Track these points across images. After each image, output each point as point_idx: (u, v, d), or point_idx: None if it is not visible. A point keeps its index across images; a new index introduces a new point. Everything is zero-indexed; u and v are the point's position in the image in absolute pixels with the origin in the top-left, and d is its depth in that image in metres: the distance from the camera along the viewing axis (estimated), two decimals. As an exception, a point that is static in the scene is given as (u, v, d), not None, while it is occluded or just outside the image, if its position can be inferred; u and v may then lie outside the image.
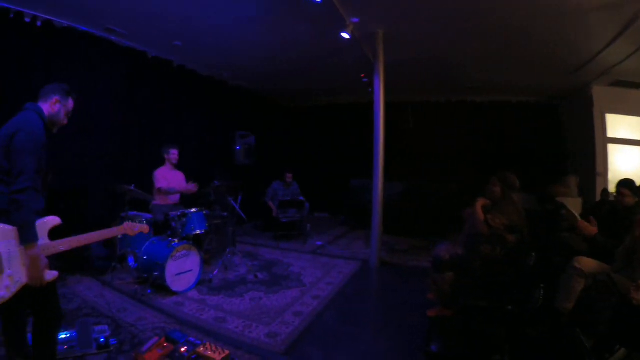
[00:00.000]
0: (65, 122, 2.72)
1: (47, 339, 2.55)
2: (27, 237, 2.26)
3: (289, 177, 9.15)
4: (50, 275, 2.40)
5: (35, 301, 2.45)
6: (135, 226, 3.09)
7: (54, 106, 2.58)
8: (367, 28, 6.11)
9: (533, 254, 3.78)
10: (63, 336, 3.42)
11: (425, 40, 6.56)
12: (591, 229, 3.93)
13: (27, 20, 5.48)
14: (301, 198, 8.74)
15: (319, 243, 8.26)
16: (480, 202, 4.34)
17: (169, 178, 6.21)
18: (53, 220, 2.50)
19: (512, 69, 7.70)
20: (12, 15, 5.29)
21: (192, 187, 6.21)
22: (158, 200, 6.14)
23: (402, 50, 6.95)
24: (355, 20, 5.74)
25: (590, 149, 8.44)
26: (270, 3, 5.41)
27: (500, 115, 10.51)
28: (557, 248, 5.06)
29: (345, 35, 5.81)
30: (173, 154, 6.29)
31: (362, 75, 8.41)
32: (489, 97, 10.43)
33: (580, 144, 9.08)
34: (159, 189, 6.09)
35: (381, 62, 6.51)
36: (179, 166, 6.44)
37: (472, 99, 10.69)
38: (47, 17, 5.68)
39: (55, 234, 2.53)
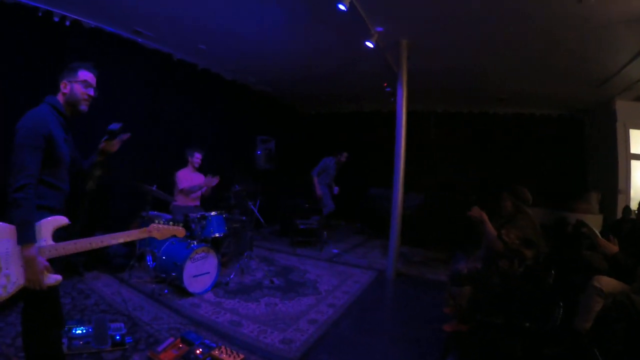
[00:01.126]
0: (89, 94, 2.62)
1: (42, 345, 2.39)
2: (23, 237, 2.16)
3: (344, 156, 8.94)
4: (52, 279, 2.27)
5: (33, 303, 2.32)
6: (162, 228, 2.83)
7: (65, 90, 2.53)
8: (391, 37, 6.09)
9: (552, 272, 3.74)
10: (79, 331, 3.49)
11: (450, 51, 6.51)
12: (612, 247, 3.87)
13: (56, 19, 5.57)
14: (328, 202, 8.68)
15: (335, 251, 8.23)
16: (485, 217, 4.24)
17: (191, 179, 6.29)
18: (57, 220, 2.37)
19: (538, 79, 7.58)
20: (40, 14, 5.38)
21: (214, 181, 6.25)
22: (179, 202, 6.21)
23: (426, 60, 6.91)
24: (380, 29, 5.72)
25: (612, 164, 8.26)
26: (297, 11, 5.44)
27: (523, 128, 10.36)
28: (577, 266, 4.98)
29: (370, 44, 5.78)
30: (197, 157, 6.38)
31: (385, 84, 8.39)
32: (512, 109, 10.30)
33: (603, 159, 8.91)
34: (182, 190, 6.16)
35: (405, 71, 6.46)
36: (199, 168, 6.51)
37: (494, 110, 10.58)
38: (76, 17, 5.78)
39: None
